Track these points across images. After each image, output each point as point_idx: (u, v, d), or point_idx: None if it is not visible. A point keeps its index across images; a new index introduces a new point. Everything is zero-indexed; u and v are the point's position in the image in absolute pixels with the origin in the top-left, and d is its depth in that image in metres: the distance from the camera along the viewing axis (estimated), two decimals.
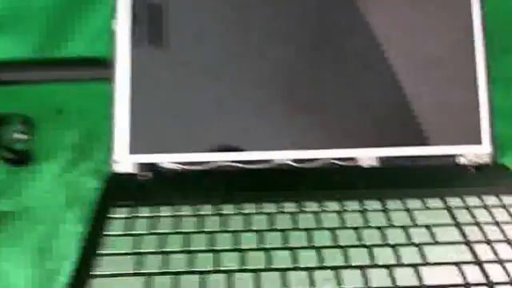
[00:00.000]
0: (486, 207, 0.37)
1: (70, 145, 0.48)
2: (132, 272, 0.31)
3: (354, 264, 0.32)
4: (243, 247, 0.33)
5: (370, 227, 0.35)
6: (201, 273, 0.31)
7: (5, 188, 0.43)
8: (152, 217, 0.36)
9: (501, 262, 0.33)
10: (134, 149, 0.41)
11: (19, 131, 0.48)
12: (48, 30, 0.55)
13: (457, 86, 0.43)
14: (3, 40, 0.56)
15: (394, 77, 0.42)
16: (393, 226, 0.35)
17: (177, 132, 0.41)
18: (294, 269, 0.32)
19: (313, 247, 0.33)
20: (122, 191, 0.39)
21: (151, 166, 0.41)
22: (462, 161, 0.43)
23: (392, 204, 0.37)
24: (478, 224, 0.36)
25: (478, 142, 0.43)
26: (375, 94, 0.42)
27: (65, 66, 0.57)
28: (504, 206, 0.37)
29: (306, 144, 0.41)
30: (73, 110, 0.52)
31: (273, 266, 0.32)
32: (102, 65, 0.45)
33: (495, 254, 0.33)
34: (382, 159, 0.42)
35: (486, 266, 0.32)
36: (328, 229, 0.35)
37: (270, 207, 0.36)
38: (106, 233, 0.34)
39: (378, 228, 0.35)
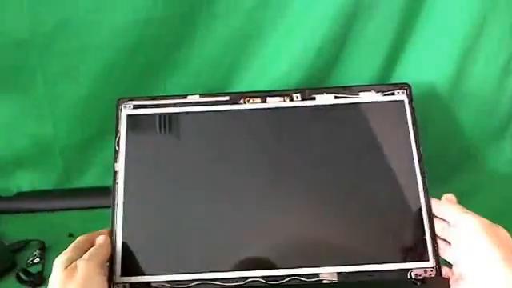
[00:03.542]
0: None
1: None
2: None
3: None
4: None
5: None
6: None
7: None
8: None
9: None
10: (125, 271, 0.49)
11: (36, 256, 0.56)
12: (65, 166, 0.66)
13: (405, 217, 0.51)
14: (27, 174, 0.67)
15: (352, 210, 0.51)
16: None
17: (162, 256, 0.50)
18: None
19: None
20: None
21: (142, 286, 0.48)
22: (413, 275, 0.49)
23: None
24: None
25: (426, 259, 0.49)
26: (336, 225, 0.51)
27: (78, 195, 0.67)
28: None
29: (276, 264, 0.49)
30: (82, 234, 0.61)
31: None
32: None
33: None
34: (341, 275, 0.49)
35: None
36: None
37: None
38: None
39: None
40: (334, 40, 0.59)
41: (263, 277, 0.49)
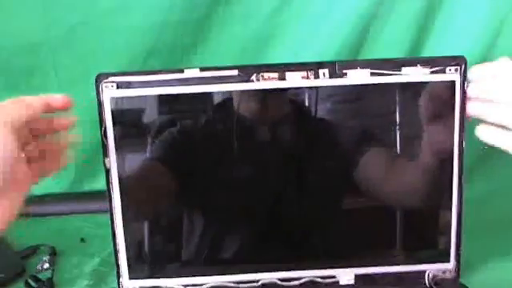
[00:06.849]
0: None
1: (88, 272, 0.53)
2: None
3: None
4: None
5: None
6: None
7: None
8: None
9: None
10: (133, 275, 0.47)
11: (46, 262, 0.55)
12: (78, 170, 0.66)
13: (432, 214, 0.48)
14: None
15: (372, 208, 0.49)
16: None
17: (169, 258, 0.48)
18: None
19: None
20: None
21: None
22: (431, 277, 0.47)
23: None
24: None
25: (447, 260, 0.47)
26: (355, 224, 0.49)
27: (89, 199, 0.66)
28: None
29: (291, 265, 0.47)
30: (95, 238, 0.59)
31: None
32: None
33: None
34: (358, 277, 0.47)
35: None
36: None
37: None
38: None
39: None
40: (351, 44, 0.58)
41: (279, 279, 0.47)
